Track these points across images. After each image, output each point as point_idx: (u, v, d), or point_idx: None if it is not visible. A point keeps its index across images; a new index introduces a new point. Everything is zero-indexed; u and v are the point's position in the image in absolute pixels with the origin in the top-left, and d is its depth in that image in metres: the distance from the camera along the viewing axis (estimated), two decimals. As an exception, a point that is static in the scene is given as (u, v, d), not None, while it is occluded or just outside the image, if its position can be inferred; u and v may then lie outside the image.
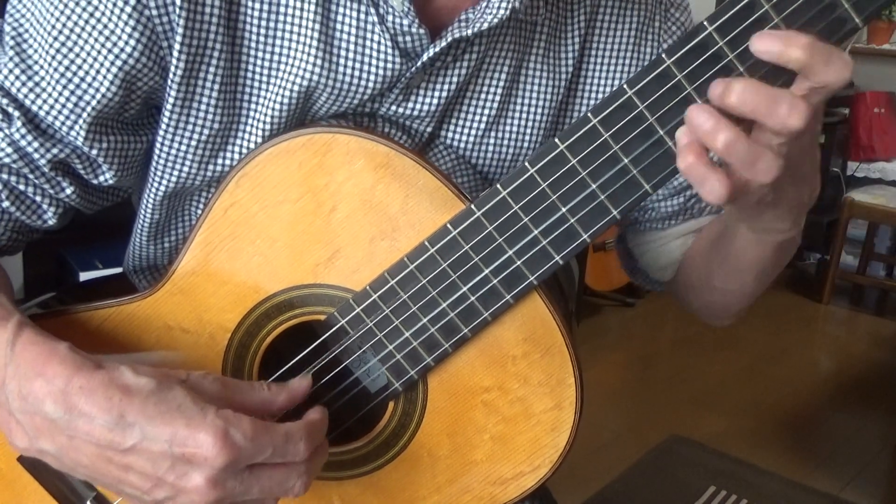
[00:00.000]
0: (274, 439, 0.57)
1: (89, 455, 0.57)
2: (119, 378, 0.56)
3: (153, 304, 0.69)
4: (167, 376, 0.57)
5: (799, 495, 2.49)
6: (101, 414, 0.55)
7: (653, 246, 0.87)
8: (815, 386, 3.23)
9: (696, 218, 0.84)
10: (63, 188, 0.69)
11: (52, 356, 0.57)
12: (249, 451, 0.56)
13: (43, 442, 0.58)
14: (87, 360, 0.57)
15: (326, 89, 0.67)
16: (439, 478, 0.70)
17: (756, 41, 0.53)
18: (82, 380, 0.56)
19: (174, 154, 0.69)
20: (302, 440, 0.59)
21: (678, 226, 0.85)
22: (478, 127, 0.74)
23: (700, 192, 0.55)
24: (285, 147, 0.64)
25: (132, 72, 0.65)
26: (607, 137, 0.59)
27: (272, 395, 0.62)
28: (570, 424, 0.67)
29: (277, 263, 0.66)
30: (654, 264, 0.89)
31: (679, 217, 0.84)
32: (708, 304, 0.87)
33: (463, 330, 0.65)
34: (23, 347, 0.59)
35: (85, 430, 0.56)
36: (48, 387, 0.56)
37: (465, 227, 0.63)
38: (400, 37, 0.67)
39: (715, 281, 0.80)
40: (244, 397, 0.60)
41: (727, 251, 0.75)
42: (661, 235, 0.86)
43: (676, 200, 0.83)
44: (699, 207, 0.84)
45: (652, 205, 0.84)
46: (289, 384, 0.64)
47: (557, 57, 0.75)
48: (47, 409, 0.56)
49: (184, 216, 0.76)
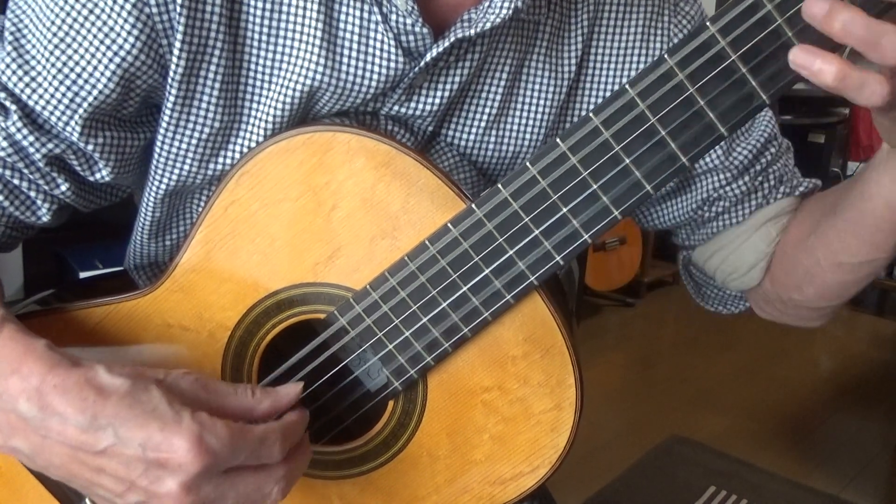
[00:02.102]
0: (248, 442, 0.56)
1: (62, 456, 0.56)
2: (94, 378, 0.55)
3: (153, 302, 0.69)
4: (143, 377, 0.56)
5: (799, 495, 2.49)
6: (74, 414, 0.54)
7: (731, 248, 0.82)
8: (815, 386, 3.23)
9: (769, 204, 0.80)
10: (58, 184, 0.69)
11: (28, 353, 0.57)
12: (224, 456, 0.55)
13: (16, 440, 0.57)
14: (64, 357, 0.57)
15: (329, 89, 0.67)
16: (438, 478, 0.70)
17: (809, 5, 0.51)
18: (57, 378, 0.55)
19: (175, 152, 0.69)
20: (277, 442, 0.58)
21: (753, 215, 0.80)
22: (479, 125, 0.74)
23: (859, 98, 0.52)
24: (286, 145, 0.64)
25: (130, 69, 0.64)
26: (609, 137, 0.59)
27: (255, 401, 0.60)
28: (570, 425, 0.67)
29: (277, 262, 0.66)
30: (740, 268, 0.82)
31: (752, 200, 0.80)
32: (825, 293, 0.78)
33: (463, 330, 0.65)
34: (2, 343, 0.58)
35: (58, 430, 0.55)
36: (23, 384, 0.55)
37: (465, 227, 0.62)
38: (403, 36, 0.67)
39: (845, 254, 0.72)
40: (224, 401, 0.59)
41: (864, 208, 0.68)
42: (738, 233, 0.81)
43: (742, 181, 0.79)
44: (768, 186, 0.80)
45: (720, 192, 0.79)
46: (276, 390, 0.62)
47: (560, 56, 0.75)
48: (21, 407, 0.55)
49: (185, 214, 0.75)
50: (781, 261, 0.80)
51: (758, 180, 0.80)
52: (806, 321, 0.84)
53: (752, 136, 0.79)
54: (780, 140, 0.82)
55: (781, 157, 0.81)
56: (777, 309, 0.84)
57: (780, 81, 0.56)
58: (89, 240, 1.77)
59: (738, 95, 0.56)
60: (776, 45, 0.54)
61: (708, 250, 0.84)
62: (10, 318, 0.60)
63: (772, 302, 0.84)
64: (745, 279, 0.82)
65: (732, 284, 0.84)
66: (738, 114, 0.57)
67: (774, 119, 0.81)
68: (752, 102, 0.57)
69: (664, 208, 0.83)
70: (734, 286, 0.84)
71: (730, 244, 0.82)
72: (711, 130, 0.58)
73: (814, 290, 0.78)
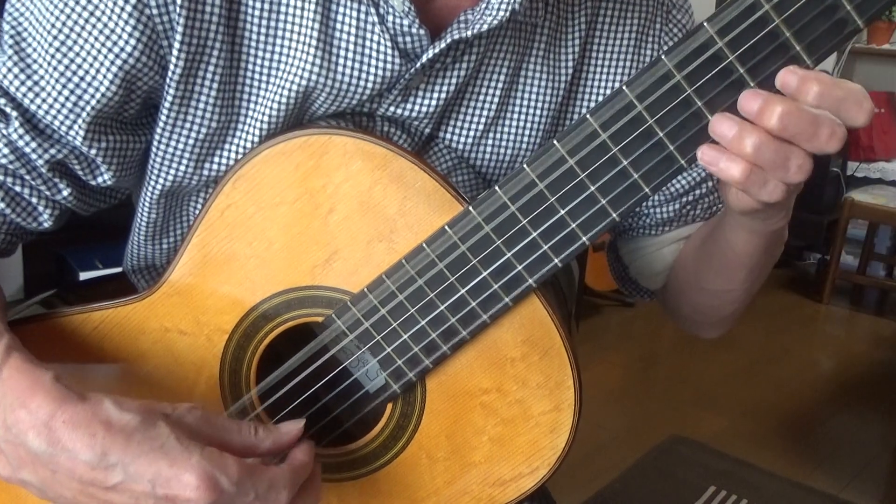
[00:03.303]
0: (256, 485, 0.56)
1: (72, 490, 0.56)
2: (102, 413, 0.55)
3: (150, 306, 0.69)
4: (152, 411, 0.56)
5: (799, 495, 2.49)
6: (83, 450, 0.54)
7: (645, 252, 0.86)
8: (815, 386, 3.23)
9: (690, 224, 0.84)
10: (60, 190, 0.69)
11: (36, 386, 0.57)
12: (232, 495, 0.55)
13: (25, 473, 0.57)
14: (71, 392, 0.57)
15: (325, 89, 0.67)
16: (438, 479, 0.70)
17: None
18: (66, 414, 0.55)
19: (171, 152, 0.69)
20: (285, 488, 0.58)
21: (672, 232, 0.84)
22: (476, 127, 0.74)
23: (716, 171, 0.55)
24: (282, 148, 0.64)
25: (132, 71, 0.64)
26: (606, 139, 0.58)
27: (258, 439, 0.60)
28: (569, 426, 0.67)
29: (274, 265, 0.66)
30: (645, 271, 0.88)
31: (674, 223, 0.83)
32: (697, 309, 0.86)
33: (461, 332, 0.65)
34: (8, 374, 0.58)
35: (67, 466, 0.55)
36: (31, 419, 0.56)
37: (463, 230, 0.62)
38: (400, 37, 0.67)
39: (705, 282, 0.80)
40: (229, 438, 0.59)
41: (718, 246, 0.74)
42: (655, 242, 0.85)
43: (672, 206, 0.82)
44: (693, 214, 0.83)
45: (647, 210, 0.83)
46: (279, 428, 0.62)
47: (557, 59, 0.75)
48: (30, 441, 0.56)
49: (182, 217, 0.75)
50: (670, 275, 0.87)
51: (686, 209, 0.83)
52: (697, 331, 0.91)
53: (695, 169, 0.81)
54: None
55: (714, 192, 0.83)
56: (671, 311, 0.91)
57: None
58: (89, 240, 1.77)
59: (736, 96, 0.56)
60: (774, 46, 0.54)
61: (626, 246, 0.89)
62: (15, 346, 0.60)
63: (667, 305, 0.91)
64: (648, 281, 0.89)
65: (641, 281, 0.90)
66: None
67: None
68: (750, 103, 0.56)
69: None
70: (643, 283, 0.90)
71: (645, 249, 0.86)
72: (710, 131, 0.57)
73: (688, 307, 0.86)
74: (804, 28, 0.53)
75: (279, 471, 0.59)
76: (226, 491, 0.55)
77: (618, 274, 0.93)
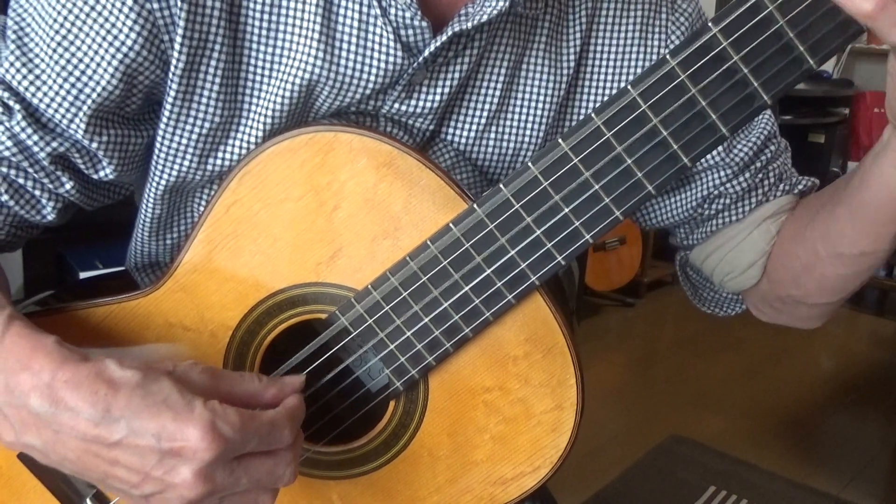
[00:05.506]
0: (259, 428, 0.57)
1: (75, 450, 0.56)
2: (104, 371, 0.56)
3: (154, 301, 0.69)
4: (153, 369, 0.57)
5: (799, 495, 2.49)
6: (86, 408, 0.55)
7: (730, 245, 0.81)
8: (815, 386, 3.23)
9: (770, 200, 0.80)
10: (62, 183, 0.69)
11: (37, 349, 0.57)
12: (237, 442, 0.55)
13: (29, 436, 0.57)
14: (74, 353, 0.57)
15: (328, 83, 0.67)
16: (439, 478, 0.70)
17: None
18: (67, 373, 0.55)
19: (174, 147, 0.69)
20: (286, 427, 0.59)
21: (753, 212, 0.80)
22: (478, 123, 0.74)
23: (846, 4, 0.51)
24: (288, 145, 0.64)
25: (133, 65, 0.65)
26: (610, 138, 0.59)
27: (261, 387, 0.61)
28: (571, 425, 0.67)
29: (279, 261, 0.66)
30: (737, 267, 0.81)
31: (752, 196, 0.79)
32: (824, 286, 0.77)
33: (464, 330, 0.65)
34: (11, 341, 0.58)
35: (70, 424, 0.55)
36: (33, 380, 0.56)
37: (467, 227, 0.62)
38: (402, 30, 0.67)
39: (843, 246, 0.71)
40: (232, 387, 0.60)
41: (866, 194, 0.66)
42: (738, 230, 0.80)
43: (744, 177, 0.79)
44: (768, 182, 0.80)
45: (721, 189, 0.79)
46: (281, 379, 0.63)
47: (559, 52, 0.75)
48: (32, 402, 0.56)
49: (186, 213, 0.75)
50: (778, 256, 0.80)
51: (758, 177, 0.80)
52: (804, 321, 0.83)
53: (752, 134, 0.79)
54: (779, 138, 0.82)
55: (781, 156, 0.81)
56: (775, 309, 0.83)
57: (782, 82, 0.56)
58: (90, 240, 1.77)
59: (739, 96, 0.56)
60: (778, 47, 0.54)
61: (706, 249, 0.83)
62: (17, 316, 0.61)
63: (769, 301, 0.83)
64: (742, 278, 0.82)
65: (730, 284, 0.83)
66: (739, 115, 0.57)
67: (773, 118, 0.81)
68: (753, 103, 0.57)
69: (664, 206, 0.83)
70: (731, 286, 0.84)
71: (729, 242, 0.81)
72: (713, 131, 0.58)
73: (812, 285, 0.77)
74: (809, 27, 0.53)
75: (277, 413, 0.59)
76: (230, 439, 0.55)
77: (699, 295, 0.88)
